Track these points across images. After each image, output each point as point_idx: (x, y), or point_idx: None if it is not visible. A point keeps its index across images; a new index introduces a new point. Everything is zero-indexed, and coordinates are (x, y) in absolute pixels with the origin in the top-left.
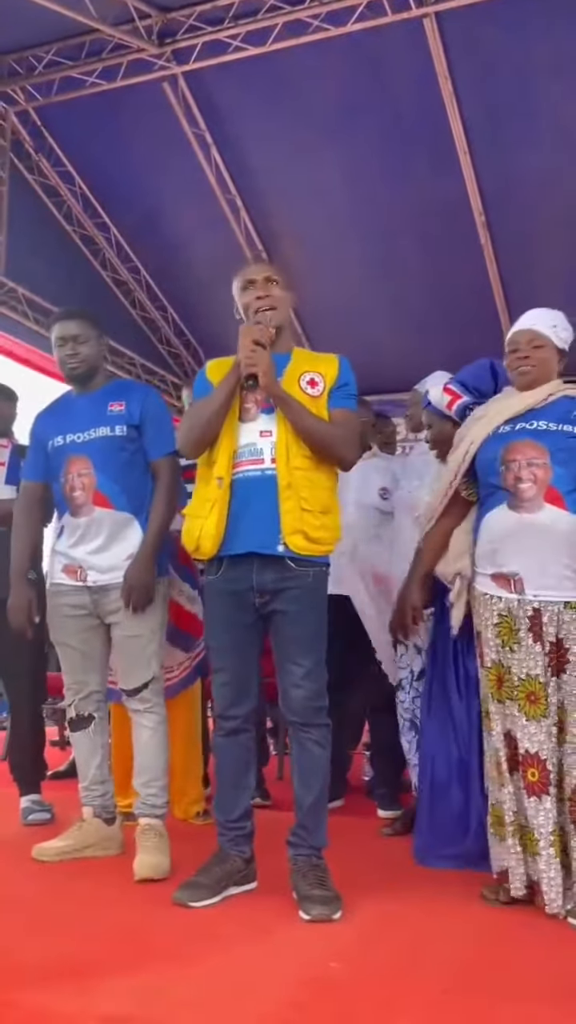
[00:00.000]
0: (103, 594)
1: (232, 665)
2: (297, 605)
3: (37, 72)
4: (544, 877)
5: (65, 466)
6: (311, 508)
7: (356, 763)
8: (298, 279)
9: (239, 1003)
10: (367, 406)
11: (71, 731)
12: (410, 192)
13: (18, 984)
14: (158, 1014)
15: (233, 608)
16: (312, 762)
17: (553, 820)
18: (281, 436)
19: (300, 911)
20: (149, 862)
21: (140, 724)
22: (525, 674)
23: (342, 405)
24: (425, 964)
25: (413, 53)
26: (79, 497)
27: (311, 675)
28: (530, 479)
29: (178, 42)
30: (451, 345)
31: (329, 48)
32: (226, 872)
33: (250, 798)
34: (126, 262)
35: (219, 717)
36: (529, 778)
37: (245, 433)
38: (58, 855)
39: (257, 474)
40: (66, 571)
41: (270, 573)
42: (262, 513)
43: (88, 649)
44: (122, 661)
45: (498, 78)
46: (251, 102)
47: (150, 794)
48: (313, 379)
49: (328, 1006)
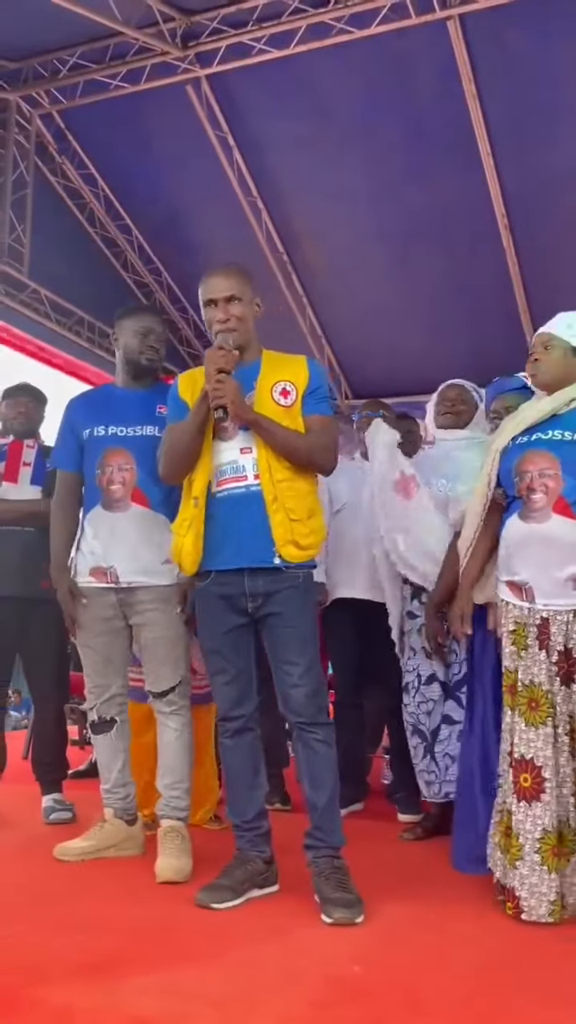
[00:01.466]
0: (131, 594)
1: (232, 665)
2: (289, 606)
3: (61, 75)
4: (526, 883)
5: (103, 457)
6: (299, 517)
7: (376, 767)
8: (319, 280)
9: (262, 1003)
10: (388, 409)
11: (93, 734)
12: (432, 193)
13: (44, 982)
14: (182, 1013)
15: (226, 611)
16: (321, 761)
17: (542, 827)
18: (261, 452)
19: (322, 914)
20: (172, 865)
21: (166, 726)
22: (529, 681)
23: (316, 411)
24: (449, 968)
25: (436, 55)
26: (117, 491)
27: (308, 674)
28: (541, 490)
29: (202, 45)
30: (473, 347)
31: (352, 50)
32: (248, 874)
33: (263, 797)
34: (148, 264)
35: (223, 719)
36: (521, 783)
37: (225, 451)
38: (80, 855)
39: (242, 490)
40: (93, 574)
41: (261, 579)
42: (251, 528)
43: (111, 653)
44: (151, 663)
45: (521, 79)
46: (274, 104)
47: (174, 796)
48: (285, 388)
49: (352, 1008)
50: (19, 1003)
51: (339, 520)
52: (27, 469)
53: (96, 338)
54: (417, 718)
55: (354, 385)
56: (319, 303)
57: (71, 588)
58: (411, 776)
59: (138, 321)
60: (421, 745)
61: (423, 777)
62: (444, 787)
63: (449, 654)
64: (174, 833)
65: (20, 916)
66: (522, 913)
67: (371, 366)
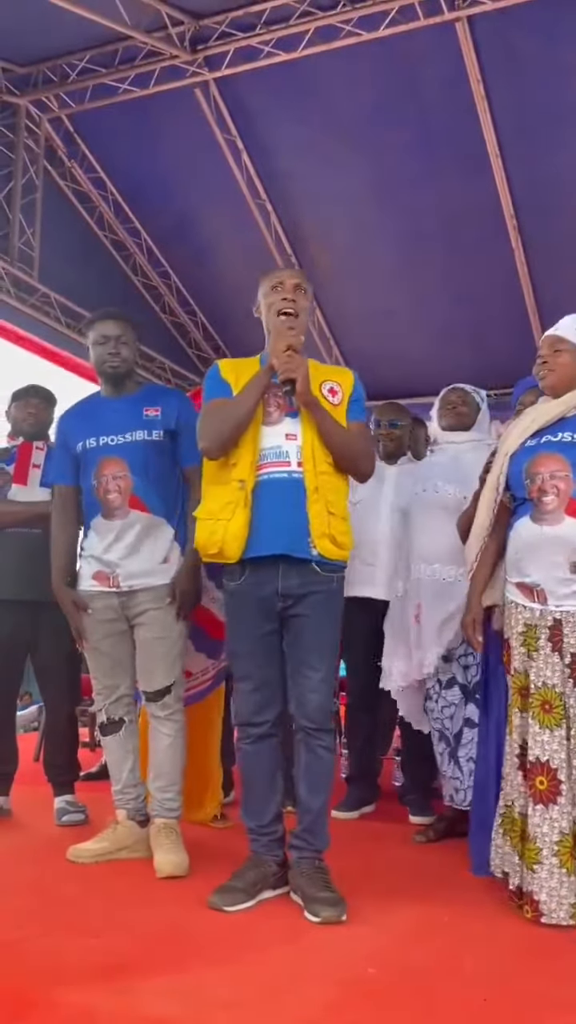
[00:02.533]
0: (131, 597)
1: (259, 672)
2: (319, 611)
3: (70, 79)
4: (545, 887)
5: (97, 468)
6: (336, 512)
7: (387, 769)
8: (328, 284)
9: (277, 1005)
10: (406, 413)
11: (102, 735)
12: (441, 196)
13: (60, 984)
14: (197, 1015)
15: (258, 614)
16: (323, 768)
17: (559, 830)
18: (307, 440)
19: (307, 913)
20: (172, 860)
21: (159, 731)
22: (542, 683)
23: (359, 418)
24: (463, 971)
25: (445, 57)
26: (114, 500)
27: (325, 681)
28: (553, 492)
29: (210, 48)
30: (481, 349)
31: (360, 53)
32: (261, 876)
33: (280, 802)
34: (157, 267)
35: (247, 724)
36: (537, 786)
37: (269, 436)
38: (94, 857)
39: (284, 476)
40: (96, 577)
41: (295, 578)
42: (289, 516)
43: (117, 654)
44: (146, 663)
45: (530, 81)
46: (282, 107)
47: (167, 798)
48: (333, 388)
49: (366, 1010)
50: (37, 1005)
51: (355, 515)
52: (36, 471)
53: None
54: (442, 723)
55: None
56: (328, 305)
57: (75, 600)
58: (422, 778)
59: (96, 331)
60: (446, 751)
61: (452, 784)
62: (469, 794)
63: (467, 656)
64: (167, 830)
65: (35, 918)
66: (542, 917)
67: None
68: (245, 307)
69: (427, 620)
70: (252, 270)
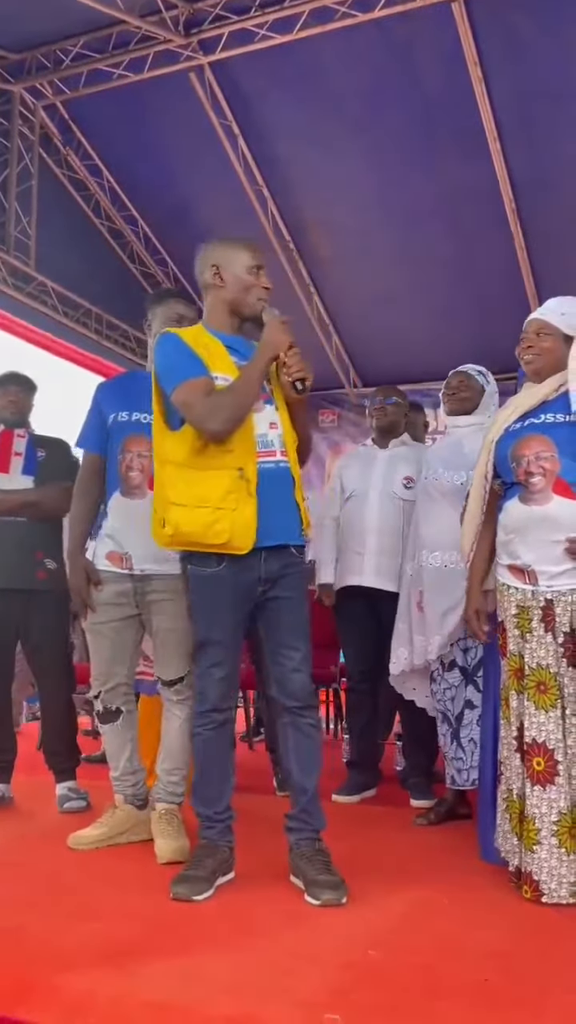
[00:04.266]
0: (146, 582)
1: (231, 659)
2: (294, 591)
3: (64, 66)
4: (545, 866)
5: (123, 443)
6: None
7: (388, 753)
8: (326, 268)
9: (280, 989)
10: (402, 395)
11: (100, 723)
12: (439, 179)
13: (63, 969)
14: (200, 999)
15: (237, 601)
16: (312, 746)
17: (557, 810)
18: (286, 428)
19: (307, 896)
20: (172, 846)
21: (172, 713)
22: (536, 664)
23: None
24: (465, 952)
25: (441, 38)
26: (135, 478)
27: (307, 659)
28: (539, 472)
29: (204, 32)
30: (481, 333)
31: (356, 35)
32: (218, 863)
33: (233, 787)
34: (154, 254)
35: (212, 711)
36: (535, 767)
37: (257, 423)
38: (95, 843)
39: (272, 466)
40: (110, 558)
41: (275, 562)
42: (284, 504)
43: (120, 640)
44: (162, 651)
45: (528, 63)
46: (278, 91)
47: (172, 781)
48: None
49: (369, 993)
50: (39, 990)
51: (348, 508)
52: (18, 459)
53: (104, 329)
54: (444, 704)
55: (362, 373)
56: (326, 291)
57: (87, 569)
58: (423, 762)
59: (171, 308)
60: (448, 732)
61: (454, 765)
62: (472, 774)
63: (466, 639)
64: (170, 815)
65: (38, 905)
66: (543, 896)
67: (379, 354)
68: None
69: (430, 607)
70: None
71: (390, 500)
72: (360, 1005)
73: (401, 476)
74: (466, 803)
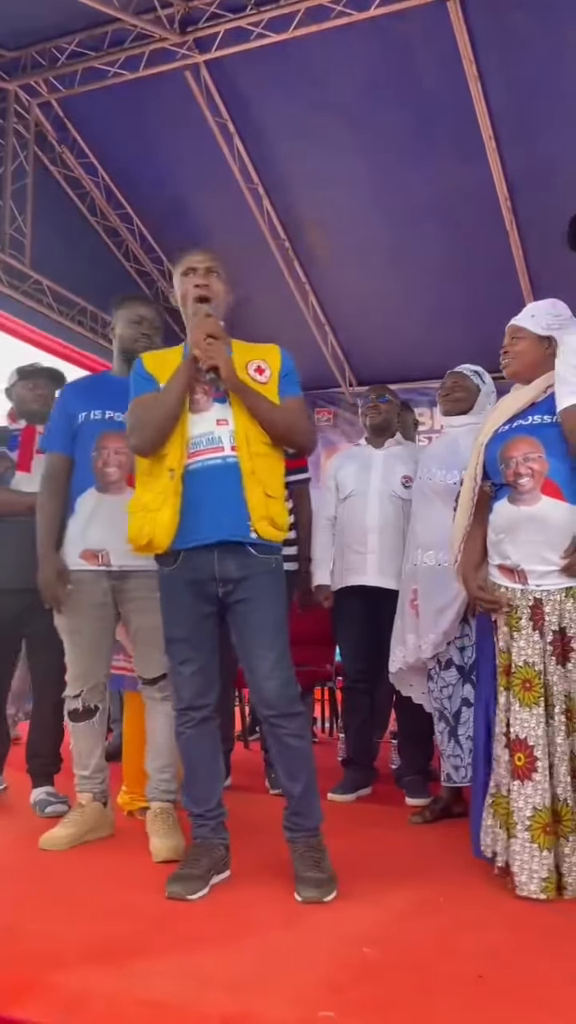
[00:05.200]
0: (124, 580)
1: (200, 655)
2: (260, 592)
3: (60, 63)
4: (517, 859)
5: (98, 440)
6: (274, 495)
7: (383, 751)
8: (322, 267)
9: (275, 986)
10: (393, 394)
11: (74, 722)
12: (434, 178)
13: (58, 968)
14: (195, 997)
15: (195, 598)
16: (294, 756)
17: (532, 805)
18: (240, 424)
19: (295, 892)
20: (167, 844)
21: (157, 711)
22: (523, 661)
23: (290, 392)
24: (458, 950)
25: (437, 37)
26: (113, 474)
27: (279, 664)
28: (528, 473)
29: (200, 30)
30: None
31: (352, 33)
32: (213, 861)
33: (223, 784)
34: (149, 253)
35: (189, 709)
36: (516, 762)
37: (198, 423)
38: (69, 843)
39: (218, 462)
40: (84, 557)
41: (232, 562)
42: (226, 501)
43: (99, 639)
44: (144, 649)
45: (523, 61)
46: (273, 90)
47: (164, 779)
48: (260, 366)
49: (365, 989)
50: (35, 989)
51: (346, 507)
52: (40, 458)
53: (99, 327)
54: (441, 703)
55: (357, 371)
56: (322, 290)
57: (60, 569)
58: (419, 760)
59: (132, 310)
60: (446, 730)
61: (451, 762)
62: (469, 771)
63: (463, 638)
64: (165, 814)
65: (32, 903)
66: (517, 889)
67: (374, 352)
68: (238, 291)
69: (424, 606)
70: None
71: (390, 500)
72: (355, 1002)
73: (400, 475)
74: (461, 801)
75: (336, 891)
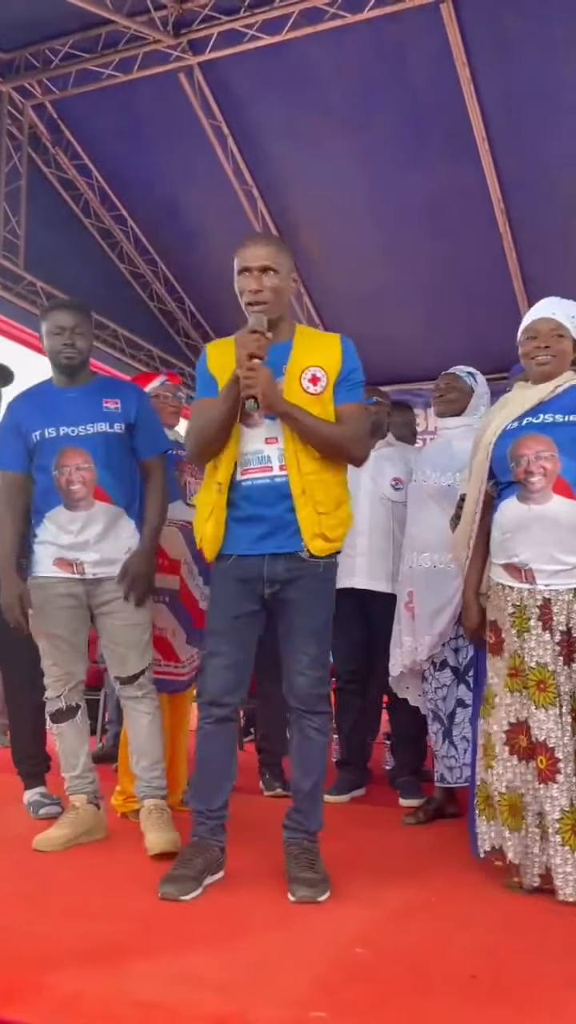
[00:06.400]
0: (97, 585)
1: (233, 651)
2: (307, 594)
3: (53, 65)
4: (551, 864)
5: (58, 458)
6: (326, 510)
7: (377, 752)
8: (316, 268)
9: (268, 987)
10: (384, 395)
11: (56, 723)
12: (428, 179)
13: (51, 969)
14: (189, 998)
15: (241, 594)
16: (312, 749)
17: (560, 808)
18: (289, 443)
19: (288, 892)
20: (163, 837)
21: (137, 711)
22: (535, 662)
23: (349, 399)
24: (452, 950)
25: (430, 39)
26: (78, 491)
27: (315, 664)
28: (540, 472)
29: (194, 32)
30: (470, 333)
31: (345, 36)
32: (207, 862)
33: (231, 788)
34: (144, 254)
35: (211, 704)
36: (539, 765)
37: (250, 439)
38: (63, 844)
39: (267, 481)
40: (58, 564)
41: (282, 564)
42: (277, 520)
43: (77, 640)
44: (118, 649)
45: (516, 63)
46: (267, 91)
47: (154, 776)
48: (315, 375)
49: (358, 989)
50: (28, 990)
51: None
52: None
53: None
54: (436, 704)
55: None
56: (316, 291)
57: (21, 593)
58: (412, 761)
59: (50, 320)
60: (440, 731)
61: (445, 763)
62: (465, 771)
63: (458, 639)
64: (159, 810)
65: (25, 905)
66: (559, 895)
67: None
68: (234, 293)
69: (420, 607)
70: None
71: (379, 502)
72: (348, 1003)
73: (389, 478)
74: (455, 802)
75: (330, 891)
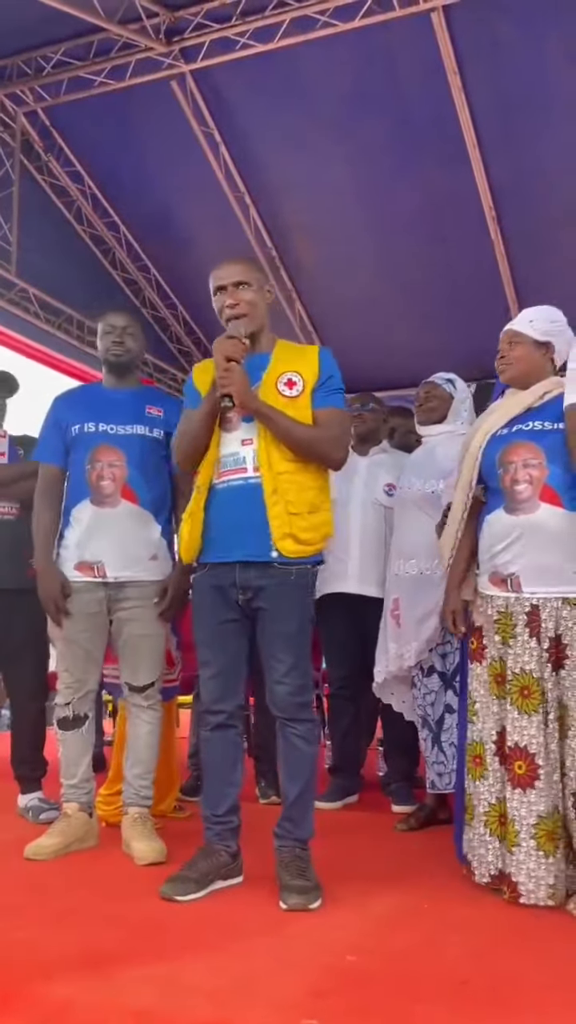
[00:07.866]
0: (119, 590)
1: (217, 659)
2: (278, 601)
3: (46, 72)
4: (523, 868)
5: (92, 453)
6: (298, 511)
7: (370, 759)
8: (308, 275)
9: (260, 993)
10: (379, 402)
11: (63, 730)
12: (419, 187)
13: (43, 977)
14: (180, 1005)
15: (218, 603)
16: (298, 757)
17: (536, 813)
18: (261, 443)
19: (280, 900)
20: (151, 847)
21: (141, 719)
22: (520, 669)
23: (327, 403)
24: (442, 956)
25: (421, 47)
26: (107, 487)
27: (294, 671)
28: (526, 480)
29: (186, 40)
30: (462, 339)
31: (337, 44)
32: (212, 866)
33: (237, 794)
34: (136, 261)
35: (206, 712)
36: (516, 771)
37: (228, 443)
38: (55, 853)
39: (240, 483)
40: (79, 568)
41: (252, 571)
42: (249, 521)
43: (92, 648)
44: (132, 658)
45: (507, 71)
46: (259, 99)
47: (143, 785)
48: (290, 380)
49: (348, 995)
50: (19, 998)
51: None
52: (2, 459)
53: (85, 336)
54: (424, 710)
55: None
56: (308, 297)
57: (63, 582)
58: (405, 767)
59: (104, 321)
60: (429, 737)
61: (434, 769)
62: (453, 777)
63: (445, 645)
64: (143, 819)
65: (17, 912)
66: (520, 898)
67: (361, 359)
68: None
69: (407, 614)
70: None
71: (372, 507)
72: (339, 1009)
73: (383, 483)
74: (447, 808)
75: (321, 899)
